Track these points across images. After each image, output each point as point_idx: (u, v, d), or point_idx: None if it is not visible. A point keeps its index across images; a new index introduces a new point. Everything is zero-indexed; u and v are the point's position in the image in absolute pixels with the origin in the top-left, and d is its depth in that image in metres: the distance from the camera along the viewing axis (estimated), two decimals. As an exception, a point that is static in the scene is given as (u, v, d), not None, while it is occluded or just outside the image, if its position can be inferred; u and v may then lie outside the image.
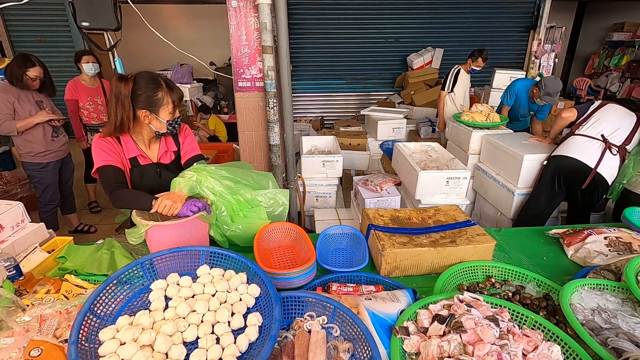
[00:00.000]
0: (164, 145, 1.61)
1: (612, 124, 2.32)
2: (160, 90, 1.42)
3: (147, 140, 1.56)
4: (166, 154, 1.62)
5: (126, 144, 1.52)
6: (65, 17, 5.89)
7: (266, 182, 1.55)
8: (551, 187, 2.40)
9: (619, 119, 2.34)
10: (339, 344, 0.88)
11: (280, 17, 2.24)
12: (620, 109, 2.38)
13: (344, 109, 6.85)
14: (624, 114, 2.36)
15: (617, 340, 0.91)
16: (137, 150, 1.54)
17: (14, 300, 1.00)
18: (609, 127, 2.32)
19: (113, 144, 1.49)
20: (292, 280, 1.16)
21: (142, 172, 1.55)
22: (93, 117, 3.44)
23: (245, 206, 1.46)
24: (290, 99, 2.54)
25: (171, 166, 1.63)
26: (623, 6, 7.15)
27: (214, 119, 5.33)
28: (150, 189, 1.46)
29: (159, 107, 1.43)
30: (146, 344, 0.82)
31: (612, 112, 2.38)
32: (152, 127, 1.48)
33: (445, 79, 3.95)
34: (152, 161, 1.58)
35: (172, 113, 1.47)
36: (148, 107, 1.42)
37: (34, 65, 2.67)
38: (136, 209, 1.36)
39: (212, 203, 1.37)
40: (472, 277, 1.28)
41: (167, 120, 1.47)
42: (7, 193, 3.60)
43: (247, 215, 1.45)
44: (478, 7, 6.22)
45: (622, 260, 1.25)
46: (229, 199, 1.41)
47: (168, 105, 1.44)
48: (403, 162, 2.41)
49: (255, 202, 1.48)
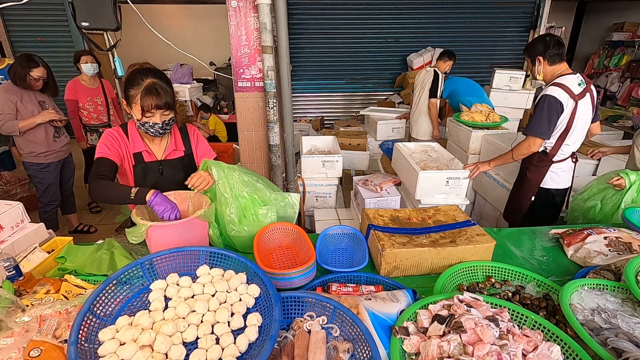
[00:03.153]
0: (173, 144, 1.61)
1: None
2: (136, 88, 1.39)
3: (150, 135, 1.56)
4: (174, 153, 1.62)
5: (133, 138, 1.53)
6: (65, 17, 5.89)
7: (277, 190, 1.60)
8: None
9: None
10: (339, 344, 0.88)
11: (280, 17, 2.24)
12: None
13: (344, 109, 6.85)
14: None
15: (617, 340, 0.91)
16: (143, 145, 1.55)
17: (13, 300, 1.00)
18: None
19: (118, 137, 1.51)
20: (292, 281, 1.16)
21: (146, 170, 1.56)
22: (93, 117, 3.44)
23: (259, 204, 1.47)
24: (290, 99, 2.54)
25: (177, 164, 1.63)
26: (623, 6, 7.15)
27: (214, 119, 5.33)
28: (152, 187, 1.45)
29: (131, 103, 1.43)
30: (146, 344, 0.82)
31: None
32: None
33: (434, 85, 3.82)
34: (156, 158, 1.59)
35: (142, 115, 1.41)
36: (126, 99, 1.45)
37: (38, 65, 2.67)
38: (114, 199, 1.37)
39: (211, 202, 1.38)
40: (472, 277, 1.28)
41: (138, 120, 1.44)
42: (7, 193, 3.60)
43: (258, 213, 1.46)
44: (478, 7, 6.21)
45: (622, 260, 1.25)
46: (244, 195, 1.42)
47: (137, 105, 1.40)
48: (403, 162, 2.41)
49: (270, 202, 1.50)
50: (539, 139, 2.03)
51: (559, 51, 2.02)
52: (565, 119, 2.00)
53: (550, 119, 1.98)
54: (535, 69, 2.11)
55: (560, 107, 1.96)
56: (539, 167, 2.15)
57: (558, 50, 2.02)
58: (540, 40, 2.07)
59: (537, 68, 2.09)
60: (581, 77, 2.02)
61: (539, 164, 2.15)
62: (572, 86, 1.97)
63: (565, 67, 2.06)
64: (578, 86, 1.98)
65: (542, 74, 2.10)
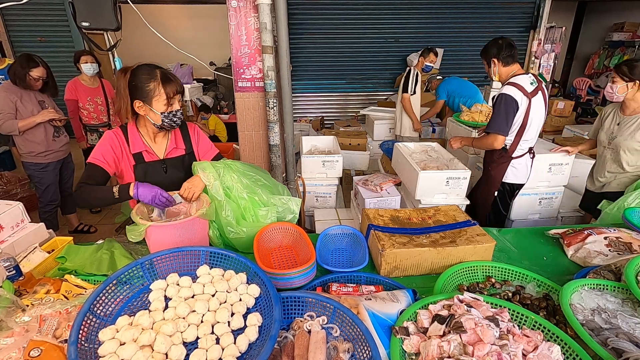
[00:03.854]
0: (173, 142, 1.62)
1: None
2: (153, 81, 1.41)
3: (152, 134, 1.56)
4: (174, 152, 1.62)
5: (133, 138, 1.52)
6: (65, 17, 5.89)
7: (282, 191, 1.60)
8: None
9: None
10: (339, 344, 0.88)
11: (280, 17, 2.24)
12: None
13: (344, 109, 6.84)
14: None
15: (617, 341, 0.91)
16: (143, 145, 1.54)
17: (13, 300, 1.00)
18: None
19: (116, 141, 1.50)
20: (292, 281, 1.16)
21: (147, 169, 1.56)
22: (93, 117, 3.44)
23: (259, 205, 1.47)
24: (290, 98, 2.54)
25: (178, 163, 1.63)
26: (623, 6, 7.15)
27: (214, 119, 5.33)
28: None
29: (151, 98, 1.43)
30: (146, 344, 0.82)
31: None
32: (149, 120, 1.48)
33: (405, 81, 3.88)
34: (158, 157, 1.59)
35: (167, 104, 1.44)
36: (141, 98, 1.43)
37: (37, 65, 2.67)
38: (100, 202, 1.39)
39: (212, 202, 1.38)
40: (472, 277, 1.28)
41: (162, 112, 1.45)
42: (7, 193, 3.60)
43: (258, 214, 1.46)
44: (478, 7, 6.21)
45: (622, 260, 1.25)
46: (243, 196, 1.42)
47: (161, 96, 1.42)
48: (403, 162, 2.41)
49: (269, 204, 1.50)
50: (500, 136, 2.16)
51: (511, 53, 2.16)
52: (520, 116, 2.13)
53: (507, 116, 2.12)
54: (491, 70, 2.25)
55: (516, 105, 2.10)
56: (500, 164, 2.30)
57: (510, 52, 2.16)
58: (493, 43, 2.21)
59: (493, 69, 2.24)
60: (533, 76, 2.15)
61: (500, 160, 2.30)
62: (525, 85, 2.11)
63: (518, 67, 2.20)
64: (530, 85, 2.12)
65: (497, 75, 2.24)
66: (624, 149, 2.16)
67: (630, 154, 2.16)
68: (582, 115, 6.86)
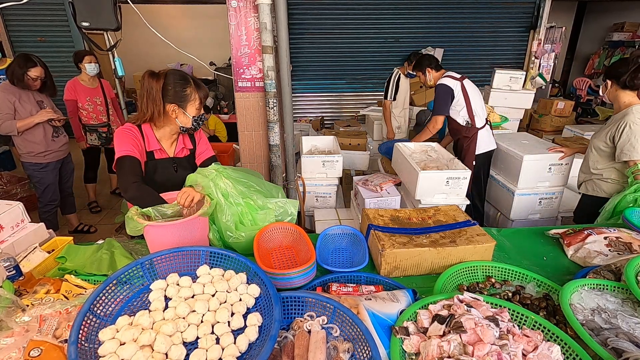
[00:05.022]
0: (182, 142, 1.66)
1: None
2: (189, 87, 1.49)
3: (168, 135, 1.60)
4: (182, 151, 1.67)
5: (147, 136, 1.56)
6: (65, 17, 5.88)
7: (276, 193, 1.60)
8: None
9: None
10: (339, 344, 0.88)
11: (280, 17, 2.24)
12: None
13: (344, 109, 6.84)
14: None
15: (617, 341, 0.91)
16: (157, 144, 1.58)
17: (13, 300, 1.00)
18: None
19: (135, 133, 1.53)
20: (292, 281, 1.16)
21: (156, 166, 1.59)
22: (92, 117, 3.44)
23: (255, 210, 1.47)
24: (290, 98, 2.54)
25: (186, 163, 1.68)
26: (623, 6, 7.15)
27: (214, 119, 5.32)
28: (162, 184, 1.53)
29: (187, 103, 1.50)
30: (146, 344, 0.82)
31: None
32: (178, 122, 1.53)
33: (386, 86, 3.79)
34: (168, 156, 1.62)
35: (199, 109, 1.54)
36: (177, 102, 1.49)
37: (35, 65, 2.67)
38: (149, 205, 1.34)
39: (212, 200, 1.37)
40: (472, 277, 1.28)
41: (193, 116, 1.53)
42: (7, 193, 3.60)
43: (256, 218, 1.46)
44: (478, 7, 6.22)
45: (622, 260, 1.24)
46: (239, 202, 1.42)
47: (195, 101, 1.51)
48: (403, 162, 2.41)
49: (266, 208, 1.50)
50: (439, 117, 2.71)
51: (438, 62, 2.87)
52: (460, 96, 2.68)
53: (445, 100, 2.69)
54: (427, 78, 2.86)
55: (450, 90, 2.67)
56: (470, 136, 2.72)
57: (438, 62, 2.86)
58: (424, 57, 2.89)
59: (428, 77, 2.86)
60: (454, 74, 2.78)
61: (468, 133, 2.72)
62: (453, 75, 2.74)
63: (444, 72, 2.81)
64: (456, 74, 2.75)
65: (432, 80, 2.84)
66: (592, 146, 2.17)
67: (595, 153, 2.14)
68: (582, 115, 6.85)
